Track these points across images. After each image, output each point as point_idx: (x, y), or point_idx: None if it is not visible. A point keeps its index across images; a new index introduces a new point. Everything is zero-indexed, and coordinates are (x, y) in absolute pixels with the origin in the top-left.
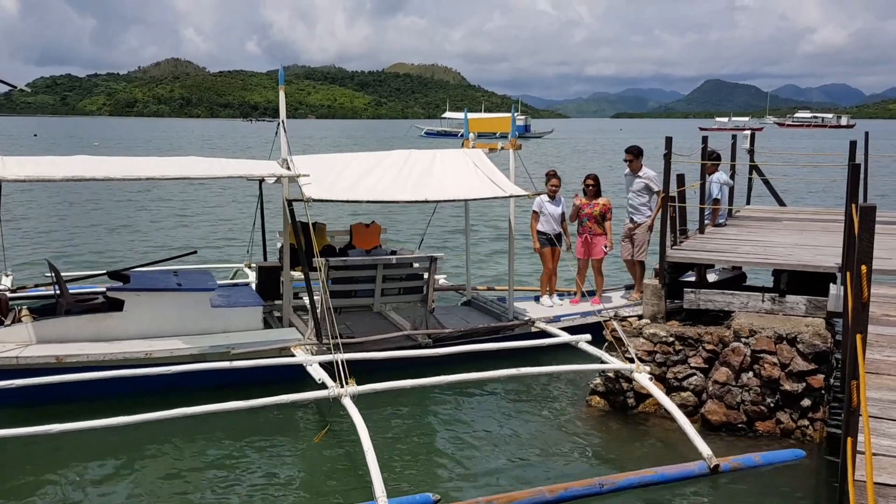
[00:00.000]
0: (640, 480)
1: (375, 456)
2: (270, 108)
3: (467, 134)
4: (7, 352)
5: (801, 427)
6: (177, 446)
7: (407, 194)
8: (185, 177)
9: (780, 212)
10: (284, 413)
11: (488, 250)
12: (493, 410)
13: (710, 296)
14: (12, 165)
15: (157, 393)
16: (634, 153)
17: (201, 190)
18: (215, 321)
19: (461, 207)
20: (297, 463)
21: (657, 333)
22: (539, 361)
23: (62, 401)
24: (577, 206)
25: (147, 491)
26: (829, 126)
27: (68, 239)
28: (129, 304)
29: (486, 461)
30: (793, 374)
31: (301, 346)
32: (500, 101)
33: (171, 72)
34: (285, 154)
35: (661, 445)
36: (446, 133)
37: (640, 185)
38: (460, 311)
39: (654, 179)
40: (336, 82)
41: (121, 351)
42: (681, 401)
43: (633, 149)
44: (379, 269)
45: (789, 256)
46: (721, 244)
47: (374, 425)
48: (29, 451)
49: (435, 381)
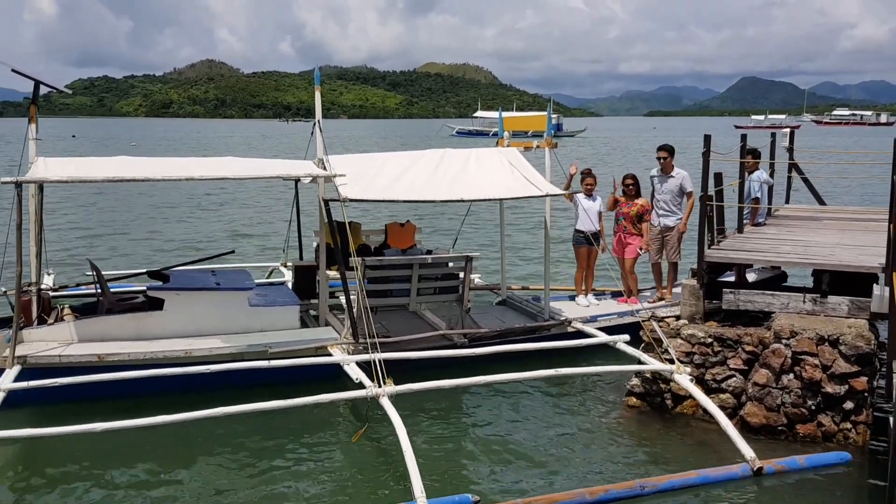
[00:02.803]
0: (681, 483)
1: (414, 456)
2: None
3: (502, 132)
4: (50, 350)
5: (843, 430)
6: (216, 444)
7: (442, 194)
8: (223, 177)
9: (820, 211)
10: (321, 412)
11: (523, 249)
12: (530, 411)
13: (750, 296)
14: (54, 166)
15: (196, 391)
16: (670, 151)
17: (238, 190)
18: (253, 320)
19: (496, 206)
20: (335, 462)
21: (695, 334)
22: (575, 362)
23: (103, 398)
24: (615, 200)
25: (186, 488)
26: (868, 124)
27: (108, 238)
28: (169, 304)
29: (524, 462)
30: (835, 376)
31: (338, 346)
32: (532, 99)
33: (205, 73)
34: (321, 154)
35: (700, 447)
36: (478, 132)
37: (675, 185)
38: (495, 310)
39: (687, 179)
40: (368, 82)
41: (161, 350)
42: (719, 402)
43: (669, 147)
44: (415, 268)
45: (831, 256)
46: (760, 244)
47: (411, 425)
48: (71, 448)
49: (473, 381)
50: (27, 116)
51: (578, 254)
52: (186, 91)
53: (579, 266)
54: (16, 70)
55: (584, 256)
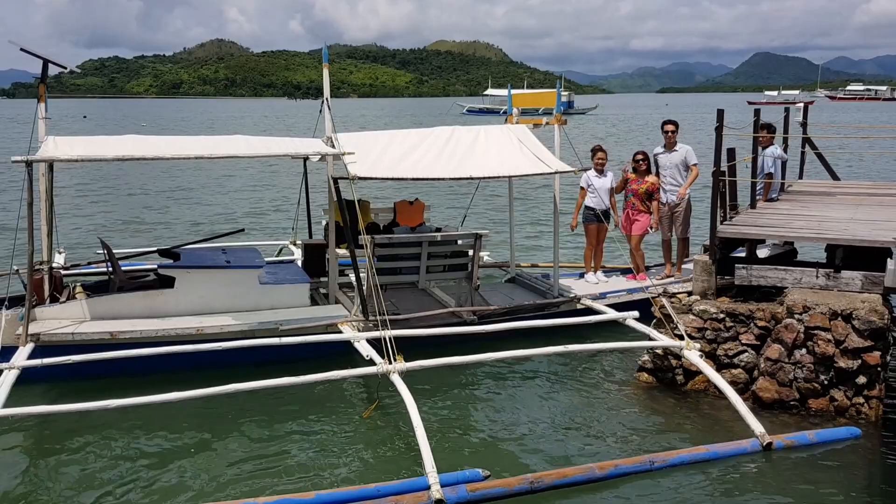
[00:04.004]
0: (691, 458)
1: (425, 431)
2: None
3: (511, 109)
4: (63, 328)
5: (855, 405)
6: (228, 421)
7: (451, 171)
8: (233, 155)
9: (833, 186)
10: (331, 389)
11: (532, 227)
12: (540, 387)
13: (763, 271)
14: (64, 145)
15: (208, 368)
16: (677, 125)
17: (247, 168)
18: (263, 298)
19: (505, 184)
20: (347, 437)
21: (707, 310)
22: (585, 339)
23: (116, 375)
24: (626, 179)
25: (198, 464)
26: (883, 99)
27: (118, 217)
28: (180, 282)
29: (534, 437)
30: (848, 350)
31: (348, 323)
32: (543, 77)
33: (215, 53)
34: (330, 132)
35: (711, 423)
36: (488, 110)
37: (679, 158)
38: (504, 288)
39: (691, 152)
40: (378, 61)
41: (173, 327)
42: (731, 378)
43: (675, 121)
44: (424, 246)
45: (844, 231)
46: (774, 219)
47: (421, 401)
48: (84, 424)
49: (483, 357)
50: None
51: (588, 231)
52: (196, 71)
53: (588, 243)
54: (24, 49)
55: (594, 234)
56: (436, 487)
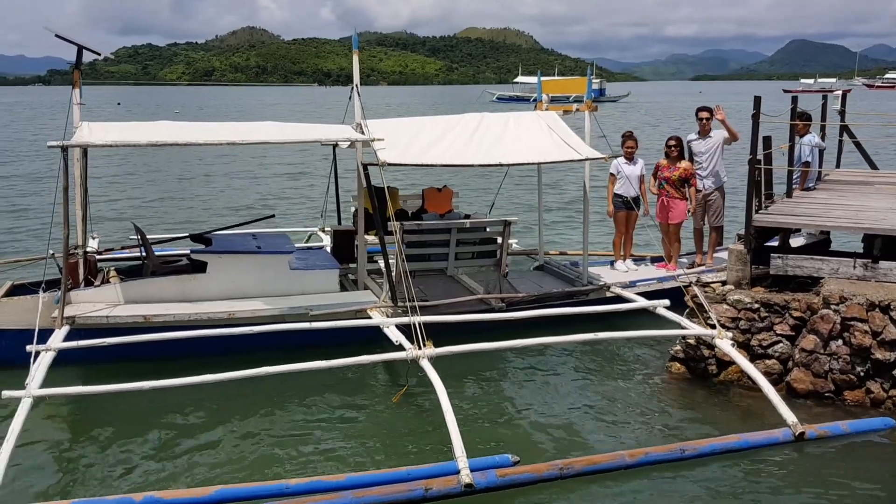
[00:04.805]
0: (722, 447)
1: (454, 416)
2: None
3: (540, 96)
4: (97, 311)
5: (892, 397)
6: (259, 404)
7: (480, 158)
8: (264, 141)
9: (872, 175)
10: (360, 373)
11: (561, 214)
12: (570, 375)
13: (799, 261)
14: (98, 131)
15: (239, 352)
16: (711, 112)
17: (278, 154)
18: (294, 283)
19: (534, 171)
20: (376, 423)
21: (741, 300)
22: (614, 328)
23: (149, 358)
24: (657, 167)
25: (229, 445)
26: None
27: (150, 202)
28: (212, 266)
29: (563, 424)
30: (885, 342)
31: (377, 309)
32: (574, 64)
33: (246, 40)
34: (359, 118)
35: (743, 413)
36: (518, 98)
37: (714, 143)
38: (533, 275)
39: (724, 132)
40: (408, 48)
41: (205, 311)
42: (765, 368)
43: (710, 108)
44: (453, 233)
45: (883, 221)
46: (811, 208)
47: (451, 387)
48: (119, 405)
49: (513, 344)
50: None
51: (617, 218)
52: (228, 58)
53: (618, 231)
54: (59, 35)
55: (623, 221)
56: (465, 472)
